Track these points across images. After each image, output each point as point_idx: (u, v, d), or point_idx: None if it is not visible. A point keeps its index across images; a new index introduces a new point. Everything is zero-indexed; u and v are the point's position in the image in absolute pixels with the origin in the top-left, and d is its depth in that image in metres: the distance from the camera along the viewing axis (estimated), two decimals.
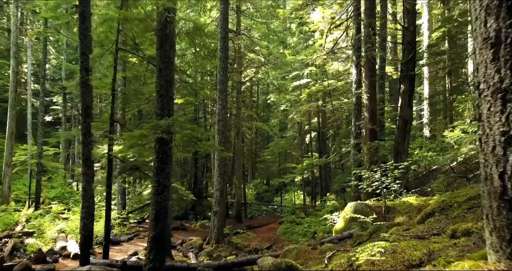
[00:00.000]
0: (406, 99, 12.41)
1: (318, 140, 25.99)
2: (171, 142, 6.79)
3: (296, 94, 25.65)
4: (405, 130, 12.47)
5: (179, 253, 13.38)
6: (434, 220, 5.14)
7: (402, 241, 3.94)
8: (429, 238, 3.91)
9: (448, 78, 23.45)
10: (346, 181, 17.73)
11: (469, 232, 3.31)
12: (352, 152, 13.03)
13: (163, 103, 7.06)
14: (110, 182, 9.23)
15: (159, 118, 6.88)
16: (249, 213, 25.19)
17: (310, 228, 16.54)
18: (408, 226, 5.75)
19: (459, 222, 4.57)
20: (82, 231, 8.17)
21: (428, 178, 15.48)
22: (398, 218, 7.57)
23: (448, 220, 4.84)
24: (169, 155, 7.03)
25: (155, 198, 6.86)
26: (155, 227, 6.75)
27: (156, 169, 6.95)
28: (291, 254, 7.46)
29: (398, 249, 3.51)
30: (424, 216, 5.68)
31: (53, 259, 10.86)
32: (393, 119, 21.47)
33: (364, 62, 13.32)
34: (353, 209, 8.61)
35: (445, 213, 5.33)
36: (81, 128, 8.36)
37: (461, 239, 3.21)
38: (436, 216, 5.42)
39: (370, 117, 12.77)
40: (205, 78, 25.69)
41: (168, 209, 6.96)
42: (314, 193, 26.26)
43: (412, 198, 8.72)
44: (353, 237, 7.33)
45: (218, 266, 8.19)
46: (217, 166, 14.46)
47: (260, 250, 14.39)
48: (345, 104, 20.85)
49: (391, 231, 5.29)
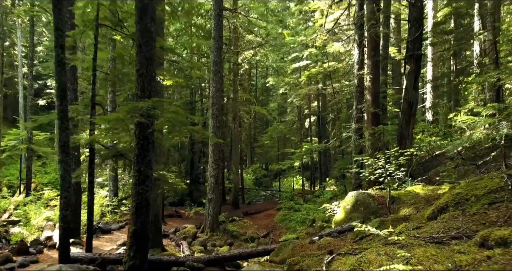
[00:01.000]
0: (412, 80, 11.61)
1: (318, 124, 25.26)
2: (152, 126, 6.07)
3: (295, 77, 24.77)
4: (410, 114, 11.73)
5: (171, 242, 12.84)
6: (449, 216, 4.47)
7: (416, 247, 3.27)
8: (449, 243, 3.24)
9: (453, 59, 22.52)
10: (347, 167, 17.09)
11: (507, 242, 2.64)
12: (353, 137, 12.33)
13: (144, 84, 6.31)
14: (93, 169, 8.55)
15: (140, 100, 6.15)
16: (247, 199, 24.70)
17: (309, 215, 16.01)
18: (418, 222, 5.09)
19: (480, 220, 3.90)
20: (61, 223, 7.53)
21: (431, 163, 14.83)
22: (404, 209, 6.93)
23: (466, 218, 4.17)
24: (151, 141, 6.32)
25: (136, 189, 6.19)
26: (136, 221, 6.11)
27: (136, 157, 6.25)
28: (286, 249, 6.84)
29: (413, 259, 2.84)
30: (436, 211, 5.01)
31: (37, 250, 10.29)
32: (395, 103, 20.69)
33: (367, 41, 12.47)
34: (354, 199, 7.97)
35: (461, 208, 4.66)
36: (57, 112, 7.63)
37: (496, 251, 2.54)
38: (451, 211, 4.75)
39: (373, 100, 12.01)
40: (202, 60, 24.80)
41: (151, 200, 6.30)
42: (313, 178, 25.70)
43: (418, 187, 8.06)
44: (354, 230, 6.69)
45: (209, 260, 7.60)
46: (212, 151, 13.79)
47: (256, 239, 13.89)
48: (346, 86, 20.03)
49: (399, 228, 4.63)
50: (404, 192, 7.88)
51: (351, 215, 7.84)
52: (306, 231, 13.78)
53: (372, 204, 7.67)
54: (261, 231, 15.83)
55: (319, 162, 25.17)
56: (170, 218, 17.36)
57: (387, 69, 16.89)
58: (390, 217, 6.44)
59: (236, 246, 13.14)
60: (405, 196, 7.67)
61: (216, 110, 13.61)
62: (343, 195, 17.73)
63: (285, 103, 30.73)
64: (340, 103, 20.87)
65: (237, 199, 21.03)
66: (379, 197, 7.85)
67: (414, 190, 7.82)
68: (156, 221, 10.97)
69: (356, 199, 7.91)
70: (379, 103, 12.43)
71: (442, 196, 6.37)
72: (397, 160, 7.86)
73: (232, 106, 21.28)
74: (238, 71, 21.31)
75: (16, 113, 26.67)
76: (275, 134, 27.68)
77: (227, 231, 14.41)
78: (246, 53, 23.00)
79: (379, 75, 12.64)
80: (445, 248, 3.12)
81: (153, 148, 6.44)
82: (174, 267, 7.48)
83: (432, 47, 20.76)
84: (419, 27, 11.11)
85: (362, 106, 12.26)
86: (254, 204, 23.11)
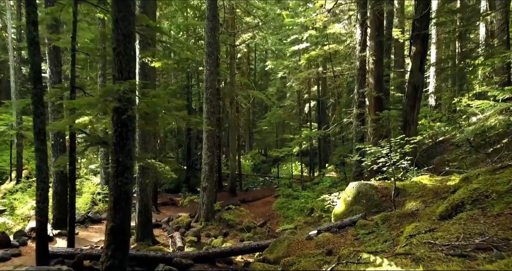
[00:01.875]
0: (418, 62, 10.89)
1: (318, 109, 24.52)
2: (128, 112, 5.40)
3: (294, 60, 23.92)
4: (415, 98, 11.05)
5: (164, 232, 12.33)
6: (467, 216, 3.86)
7: (434, 261, 2.66)
8: (476, 257, 2.63)
9: (458, 41, 21.63)
10: (347, 154, 16.49)
11: None
12: (354, 123, 11.67)
13: (121, 64, 5.61)
14: (74, 158, 7.92)
15: (117, 82, 5.47)
16: (245, 185, 24.19)
17: (307, 203, 15.49)
18: (429, 221, 4.48)
19: (507, 224, 3.29)
20: (38, 216, 6.96)
21: (435, 150, 14.20)
22: (410, 203, 6.33)
23: (489, 220, 3.56)
24: (130, 128, 5.67)
25: (114, 181, 5.58)
26: (115, 217, 5.52)
27: (114, 146, 5.61)
28: (281, 246, 6.28)
29: None
30: (450, 208, 4.40)
31: (21, 242, 9.77)
32: (398, 87, 19.95)
33: (370, 21, 11.66)
34: (355, 190, 7.37)
35: (480, 206, 4.05)
36: (31, 96, 6.96)
37: None
38: (468, 209, 4.14)
39: (376, 84, 11.30)
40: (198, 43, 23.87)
41: (131, 194, 5.69)
42: (312, 164, 25.12)
43: (425, 177, 7.45)
44: (356, 226, 6.11)
45: (198, 256, 7.06)
46: (206, 138, 13.15)
47: (252, 228, 13.37)
48: (347, 70, 19.22)
49: (408, 230, 4.02)
50: (410, 183, 7.28)
51: (352, 207, 7.26)
52: (304, 221, 13.28)
53: (375, 196, 7.08)
54: (258, 219, 15.33)
55: (318, 147, 24.55)
56: (164, 206, 16.85)
57: (390, 51, 16.05)
58: (395, 212, 5.85)
59: (231, 236, 12.65)
60: (411, 187, 7.07)
61: (210, 94, 12.90)
62: (343, 183, 17.25)
63: (284, 88, 29.94)
64: (340, 87, 20.11)
65: (234, 186, 20.50)
66: (382, 188, 7.25)
67: (420, 181, 7.21)
68: (146, 211, 10.43)
69: (357, 191, 7.31)
70: (383, 87, 11.73)
71: (453, 188, 5.77)
72: (402, 148, 7.23)
73: (229, 91, 20.52)
74: (235, 54, 20.47)
75: (10, 98, 25.91)
76: (273, 120, 27.00)
77: (222, 220, 13.90)
78: (244, 36, 22.10)
79: (383, 57, 11.90)
80: (472, 264, 2.51)
81: (133, 136, 5.79)
82: (161, 263, 6.94)
83: (436, 29, 19.88)
84: (426, 5, 10.33)
85: (364, 90, 11.55)
86: (252, 191, 22.61)
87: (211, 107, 12.97)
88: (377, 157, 7.66)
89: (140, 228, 10.29)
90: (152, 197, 15.85)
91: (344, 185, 16.37)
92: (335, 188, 15.87)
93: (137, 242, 10.17)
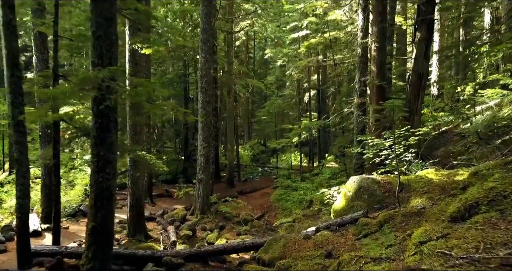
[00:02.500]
0: (423, 49, 10.37)
1: (318, 98, 23.96)
2: (110, 102, 4.92)
3: (294, 48, 23.28)
4: (419, 87, 10.58)
5: (158, 226, 11.97)
6: (484, 220, 3.41)
7: None
8: None
9: (463, 28, 20.98)
10: (347, 145, 16.06)
11: None
12: (355, 113, 11.18)
13: (101, 49, 5.11)
14: (58, 150, 7.47)
15: (97, 69, 4.98)
16: (243, 176, 23.80)
17: (306, 195, 15.10)
18: (439, 222, 4.04)
19: None
20: (18, 213, 6.53)
21: (438, 141, 13.72)
22: (415, 199, 5.90)
23: (511, 225, 3.11)
24: (112, 119, 5.19)
25: (95, 177, 5.13)
26: (96, 215, 5.08)
27: (94, 138, 5.14)
28: (277, 245, 5.86)
29: None
30: (463, 209, 3.96)
31: (7, 237, 9.40)
32: (399, 76, 19.40)
33: (373, 5, 11.08)
34: (356, 185, 6.93)
35: (498, 208, 3.61)
36: (8, 85, 6.47)
37: None
38: (483, 211, 3.70)
39: (378, 72, 10.78)
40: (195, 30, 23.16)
41: (113, 190, 5.25)
42: (311, 154, 24.68)
43: (431, 171, 7.01)
44: (357, 224, 5.69)
45: (190, 255, 6.65)
46: (201, 128, 12.68)
47: (250, 221, 13.01)
48: (347, 58, 18.63)
49: (417, 235, 3.57)
50: (415, 178, 6.84)
51: (353, 203, 6.84)
52: (302, 214, 12.90)
53: (378, 191, 6.65)
54: (255, 212, 14.98)
55: (318, 137, 24.10)
56: (160, 198, 16.48)
57: (393, 37, 15.44)
58: (400, 210, 5.41)
59: (227, 229, 12.29)
60: (415, 182, 6.63)
61: (205, 83, 12.38)
62: (343, 174, 16.82)
63: (283, 77, 29.31)
64: (341, 75, 19.53)
65: (232, 177, 20.10)
66: (385, 183, 6.82)
67: (426, 175, 6.77)
68: (138, 205, 10.02)
69: (359, 185, 6.88)
70: (385, 75, 11.21)
71: (463, 184, 5.33)
72: (407, 140, 6.77)
73: (227, 80, 19.95)
74: (233, 41, 19.82)
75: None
76: (273, 109, 26.47)
77: (219, 212, 13.53)
78: (243, 24, 21.42)
79: (386, 44, 11.34)
80: None
81: (116, 128, 5.32)
82: (150, 263, 6.54)
83: (440, 15, 19.23)
84: None
85: (366, 78, 11.04)
86: (250, 182, 22.23)
87: (207, 96, 12.46)
88: (379, 149, 7.22)
89: (132, 223, 9.90)
90: (147, 189, 15.52)
91: (344, 176, 15.97)
92: (334, 179, 15.47)
93: (129, 237, 9.81)
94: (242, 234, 11.57)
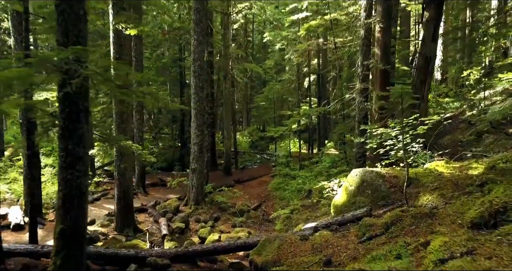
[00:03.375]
0: (431, 30, 9.62)
1: (318, 83, 23.19)
2: (71, 87, 4.25)
3: (293, 30, 22.37)
4: (426, 71, 9.87)
5: (150, 217, 11.44)
6: None
7: None
8: None
9: (469, 10, 20.07)
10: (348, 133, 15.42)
11: None
12: (357, 99, 10.49)
13: (67, 26, 4.42)
14: (32, 142, 6.86)
15: (60, 48, 4.31)
16: (241, 163, 23.24)
17: (305, 184, 14.55)
18: (460, 232, 3.43)
19: None
20: None
21: (444, 128, 13.08)
22: (425, 196, 5.30)
23: None
24: (83, 108, 4.54)
25: (63, 174, 4.51)
26: (64, 217, 4.49)
27: (61, 130, 4.50)
28: (271, 247, 5.29)
29: None
30: (488, 215, 3.36)
31: None
32: (402, 60, 18.60)
33: None
34: (359, 179, 6.33)
35: None
36: None
37: None
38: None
39: (383, 55, 10.05)
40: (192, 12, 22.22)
41: (85, 188, 4.63)
42: (311, 141, 24.07)
43: (440, 163, 6.39)
44: (360, 225, 5.10)
45: (176, 255, 6.10)
46: (194, 116, 12.02)
47: (246, 212, 12.50)
48: (349, 42, 17.80)
49: (435, 246, 2.97)
50: (423, 171, 6.23)
51: (355, 199, 6.25)
52: (301, 204, 12.35)
53: (383, 186, 6.04)
54: (252, 201, 14.46)
55: (318, 124, 23.44)
56: (154, 188, 15.92)
57: (397, 18, 14.60)
58: (408, 209, 4.81)
59: (222, 221, 11.80)
60: (424, 176, 6.03)
61: (198, 67, 11.66)
62: (343, 162, 16.22)
63: (283, 61, 28.44)
64: (342, 59, 18.71)
65: (229, 165, 19.53)
66: (391, 177, 6.21)
67: (435, 168, 6.16)
68: (126, 197, 9.45)
69: (361, 179, 6.27)
70: (390, 58, 10.49)
71: (479, 181, 4.72)
72: (415, 130, 6.13)
73: (223, 64, 19.16)
74: (229, 23, 18.93)
75: None
76: (271, 95, 25.71)
77: (214, 202, 13.00)
78: (241, 6, 20.49)
79: (391, 25, 10.58)
80: None
81: (87, 118, 4.67)
82: (133, 264, 6.00)
83: None
84: None
85: (369, 62, 10.30)
86: (248, 169, 21.68)
87: (200, 81, 11.76)
88: (384, 139, 6.58)
89: (120, 216, 9.35)
90: (139, 178, 14.96)
91: (345, 165, 15.38)
92: (335, 168, 14.88)
93: (116, 231, 9.28)
94: (237, 226, 11.07)
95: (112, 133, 8.52)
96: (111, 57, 8.85)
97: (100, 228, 9.48)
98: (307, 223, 9.50)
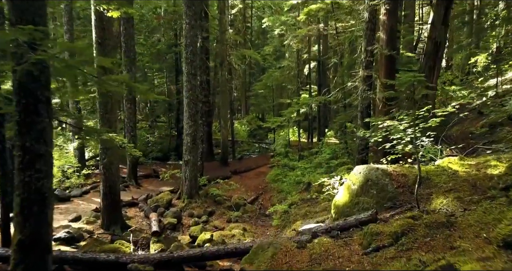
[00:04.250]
0: (441, 12, 8.87)
1: (318, 70, 22.37)
2: (40, 75, 3.60)
3: (293, 15, 21.47)
4: (435, 58, 9.17)
5: (140, 212, 10.89)
6: None
7: None
8: None
9: None
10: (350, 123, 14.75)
11: None
12: (360, 88, 9.79)
13: (21, 3, 3.73)
14: (2, 135, 6.21)
15: (13, 29, 3.63)
16: (239, 152, 22.63)
17: (304, 176, 13.96)
18: (489, 253, 2.82)
19: None
20: None
21: (450, 119, 12.41)
22: (439, 199, 4.68)
23: None
24: (43, 99, 3.88)
25: (20, 176, 3.88)
26: (23, 226, 3.87)
27: (18, 125, 3.86)
28: (264, 256, 4.69)
29: None
30: None
31: None
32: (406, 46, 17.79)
33: None
34: (363, 177, 5.70)
35: None
36: None
37: None
38: None
39: (388, 40, 9.29)
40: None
41: (47, 192, 4.01)
42: (311, 130, 23.40)
43: (453, 159, 5.75)
44: (365, 232, 4.49)
45: (160, 261, 5.52)
46: (186, 104, 11.35)
47: (242, 206, 11.95)
48: (351, 26, 16.96)
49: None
50: (435, 169, 5.59)
51: (358, 199, 5.63)
52: (300, 197, 11.77)
53: (389, 186, 5.41)
54: (249, 193, 13.91)
55: (318, 112, 22.72)
56: (147, 179, 15.33)
57: (402, 1, 13.76)
58: (422, 217, 4.19)
59: (217, 215, 11.25)
60: (436, 175, 5.39)
61: (190, 53, 10.92)
62: (344, 153, 15.62)
63: (282, 47, 27.56)
64: (343, 45, 17.89)
65: (226, 155, 18.92)
66: (398, 175, 5.57)
67: (449, 166, 5.52)
68: (113, 193, 8.86)
69: (365, 178, 5.64)
70: (396, 43, 9.77)
71: (504, 183, 4.09)
72: (427, 122, 5.47)
73: (220, 50, 18.36)
74: (226, 7, 18.09)
75: None
76: (270, 83, 24.88)
77: (209, 196, 12.43)
78: None
79: (397, 7, 9.81)
80: None
81: (49, 111, 4.01)
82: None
83: None
84: None
85: (374, 47, 9.56)
86: (246, 159, 21.06)
87: (192, 68, 11.04)
88: (389, 132, 5.93)
89: (106, 213, 8.77)
90: (131, 170, 14.35)
91: (345, 156, 14.76)
92: (335, 159, 14.27)
93: (103, 229, 8.71)
94: (232, 221, 10.53)
95: (92, 125, 7.86)
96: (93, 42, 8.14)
97: (85, 225, 8.91)
98: (306, 219, 8.94)
